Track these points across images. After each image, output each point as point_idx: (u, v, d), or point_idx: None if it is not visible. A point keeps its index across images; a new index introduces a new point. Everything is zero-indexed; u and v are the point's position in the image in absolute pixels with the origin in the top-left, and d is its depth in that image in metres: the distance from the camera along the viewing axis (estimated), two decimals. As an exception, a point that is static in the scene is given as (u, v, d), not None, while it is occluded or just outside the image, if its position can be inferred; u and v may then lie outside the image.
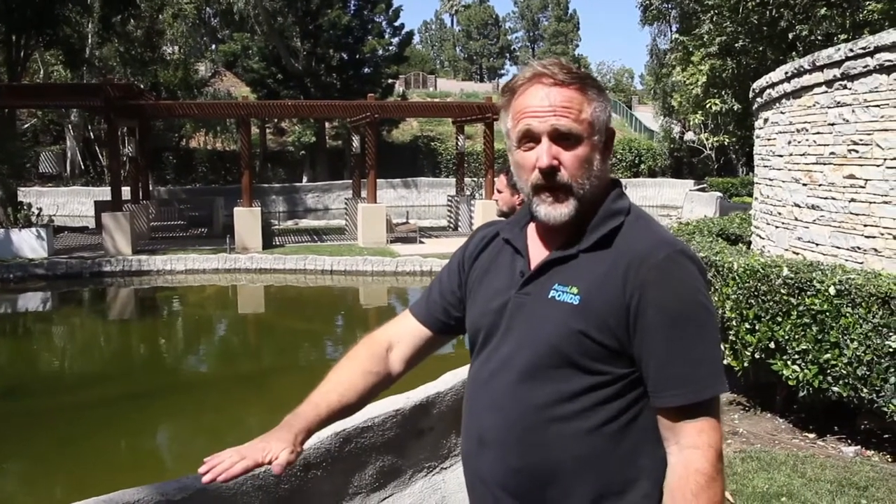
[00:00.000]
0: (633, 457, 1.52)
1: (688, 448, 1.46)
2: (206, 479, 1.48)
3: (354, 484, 3.15)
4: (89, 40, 26.70)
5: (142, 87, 23.84)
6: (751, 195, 22.16)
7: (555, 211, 1.55)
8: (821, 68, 6.79)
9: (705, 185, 30.21)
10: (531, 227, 1.68)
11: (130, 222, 17.19)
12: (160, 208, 22.50)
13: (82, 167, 34.54)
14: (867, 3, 15.65)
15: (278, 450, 1.55)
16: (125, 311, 14.51)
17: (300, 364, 10.50)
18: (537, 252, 1.63)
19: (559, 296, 1.53)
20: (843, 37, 15.16)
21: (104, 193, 23.14)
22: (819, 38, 16.34)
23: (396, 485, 3.36)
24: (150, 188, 23.47)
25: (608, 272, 1.50)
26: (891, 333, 4.65)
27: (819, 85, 6.86)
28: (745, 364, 5.78)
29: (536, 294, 1.57)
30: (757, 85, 8.84)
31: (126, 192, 19.59)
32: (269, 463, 1.53)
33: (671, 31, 36.62)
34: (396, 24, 40.39)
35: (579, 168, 1.53)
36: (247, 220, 17.79)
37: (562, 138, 1.52)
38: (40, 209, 17.98)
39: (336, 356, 10.91)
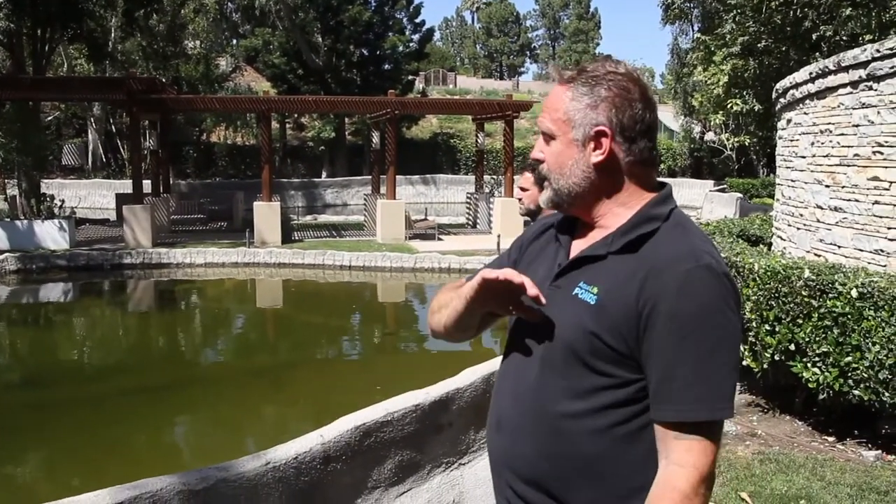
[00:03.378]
0: (643, 466, 1.49)
1: (673, 464, 1.43)
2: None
3: (373, 478, 3.16)
4: (112, 34, 26.89)
5: (163, 81, 23.97)
6: (771, 196, 22.07)
7: (541, 196, 1.67)
8: (846, 69, 6.72)
9: (725, 186, 30.01)
10: (579, 223, 1.69)
11: (151, 215, 17.31)
12: (180, 202, 22.65)
13: (104, 160, 34.86)
14: (893, 3, 15.48)
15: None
16: (144, 304, 14.62)
17: (317, 359, 10.55)
18: (578, 247, 1.64)
19: (581, 293, 1.53)
20: (868, 37, 14.99)
21: (125, 186, 23.32)
22: (844, 38, 16.17)
23: (415, 479, 3.37)
24: (171, 182, 23.61)
25: (628, 277, 1.49)
26: (914, 337, 4.61)
27: (844, 86, 6.79)
28: (765, 366, 5.74)
29: (564, 288, 1.58)
30: (780, 85, 8.77)
31: (147, 185, 19.79)
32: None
33: (693, 30, 36.49)
34: (417, 20, 40.53)
35: (553, 163, 1.62)
36: (266, 214, 17.87)
37: (543, 135, 1.65)
38: (62, 201, 18.14)
39: (353, 352, 11.01)
